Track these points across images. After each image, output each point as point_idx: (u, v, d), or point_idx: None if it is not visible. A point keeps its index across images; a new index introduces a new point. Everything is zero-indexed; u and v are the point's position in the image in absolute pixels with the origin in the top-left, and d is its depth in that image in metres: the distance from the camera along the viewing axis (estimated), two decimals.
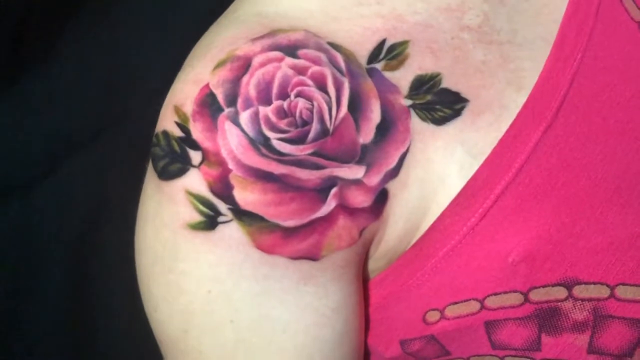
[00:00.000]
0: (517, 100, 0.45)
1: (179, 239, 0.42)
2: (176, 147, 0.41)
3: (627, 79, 0.47)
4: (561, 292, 0.42)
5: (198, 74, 0.42)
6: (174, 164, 0.41)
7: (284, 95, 0.41)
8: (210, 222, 0.41)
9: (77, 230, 0.52)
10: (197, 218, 0.41)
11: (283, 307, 0.42)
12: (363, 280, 0.47)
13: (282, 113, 0.41)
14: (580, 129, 0.44)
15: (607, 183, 0.43)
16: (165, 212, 0.43)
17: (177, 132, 0.41)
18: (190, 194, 0.41)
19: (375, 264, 0.46)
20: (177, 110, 0.42)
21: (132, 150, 0.51)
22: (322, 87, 0.42)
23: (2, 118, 0.47)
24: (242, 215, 0.41)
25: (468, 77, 0.45)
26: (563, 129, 0.44)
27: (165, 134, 0.42)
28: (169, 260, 0.43)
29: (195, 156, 0.41)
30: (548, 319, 0.43)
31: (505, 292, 0.42)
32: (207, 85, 0.41)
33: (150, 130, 0.48)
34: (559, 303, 0.42)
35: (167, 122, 0.42)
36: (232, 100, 0.41)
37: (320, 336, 0.44)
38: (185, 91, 0.42)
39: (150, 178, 0.44)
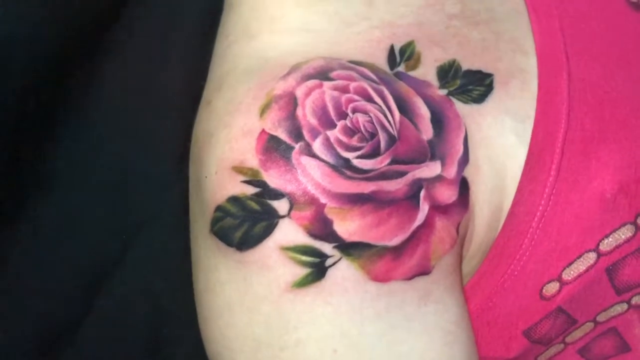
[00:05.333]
0: (530, 62, 0.46)
1: (285, 306, 0.38)
2: (254, 206, 0.38)
3: (597, 15, 0.50)
4: None
5: (244, 127, 0.39)
6: (258, 225, 0.38)
7: (342, 114, 0.39)
8: (317, 270, 0.37)
9: (143, 348, 0.45)
10: (302, 272, 0.37)
11: (412, 338, 0.39)
12: None
13: (349, 131, 0.39)
14: (594, 67, 0.46)
15: None
16: (257, 285, 0.38)
17: (250, 190, 0.38)
18: (287, 248, 0.37)
19: (468, 265, 0.44)
20: (240, 169, 0.38)
21: (167, 247, 0.46)
22: (369, 99, 0.40)
23: (22, 260, 0.41)
24: (349, 249, 0.37)
25: (479, 56, 0.45)
26: (580, 71, 0.45)
27: (234, 199, 0.38)
28: (278, 337, 0.38)
29: (281, 205, 0.37)
30: None
31: (616, 229, 0.42)
32: (263, 132, 0.38)
33: (175, 222, 0.44)
34: None
35: (229, 187, 0.38)
36: (297, 135, 0.38)
37: (453, 355, 0.40)
38: (238, 148, 0.39)
39: (221, 259, 0.39)
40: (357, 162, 0.38)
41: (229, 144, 0.39)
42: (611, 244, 0.42)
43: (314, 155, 0.38)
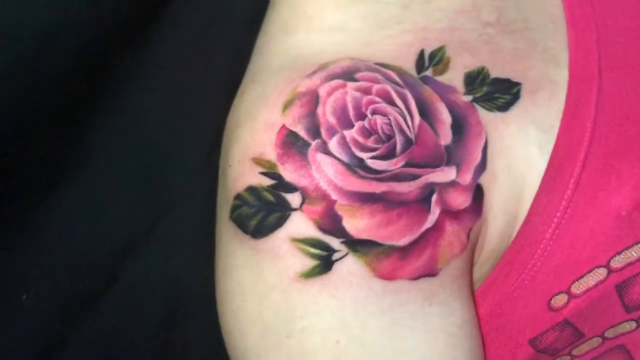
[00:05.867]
0: (561, 74, 0.46)
1: (293, 295, 0.39)
2: (269, 197, 0.39)
3: (637, 31, 0.49)
4: None
5: (266, 121, 0.41)
6: (272, 215, 0.39)
7: (361, 115, 0.40)
8: (325, 263, 0.39)
9: (157, 326, 0.48)
10: (310, 264, 0.39)
11: (414, 336, 0.40)
12: None
13: (366, 132, 0.40)
14: (625, 82, 0.46)
15: None
16: (268, 272, 0.40)
17: (267, 182, 0.39)
18: (297, 240, 0.39)
19: (479, 271, 0.45)
20: (259, 160, 0.40)
21: (191, 232, 0.49)
22: (390, 102, 0.41)
23: (52, 230, 0.44)
24: (356, 245, 0.39)
25: (509, 64, 0.45)
26: (611, 87, 0.45)
27: (252, 189, 0.40)
28: (284, 324, 0.40)
29: (294, 198, 0.39)
30: None
31: (628, 247, 0.42)
32: (283, 127, 0.40)
33: (201, 208, 0.46)
34: None
35: (248, 177, 0.40)
36: (315, 132, 0.39)
37: (455, 358, 0.41)
38: (259, 140, 0.40)
39: (238, 245, 0.41)
40: (370, 163, 0.39)
41: (251, 136, 0.41)
42: (622, 262, 0.42)
43: (328, 153, 0.39)
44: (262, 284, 0.40)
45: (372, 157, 0.40)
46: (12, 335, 0.42)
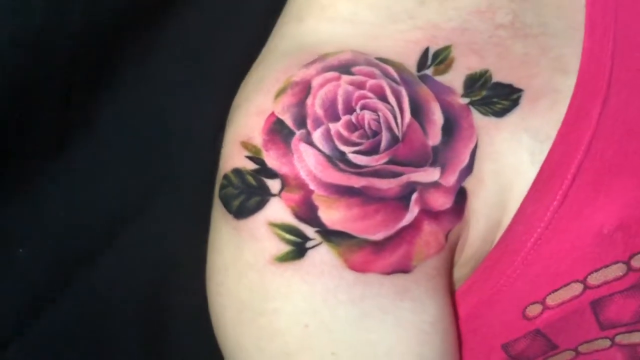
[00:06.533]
0: (567, 83, 0.45)
1: (267, 277, 0.41)
2: (252, 181, 0.41)
3: None
4: None
5: (259, 106, 0.42)
6: (252, 199, 0.41)
7: (349, 109, 0.41)
8: (298, 249, 0.40)
9: (146, 293, 0.50)
10: (285, 249, 0.40)
11: (383, 329, 0.41)
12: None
13: (351, 127, 0.41)
14: (634, 99, 0.45)
15: None
16: (247, 252, 0.41)
17: (250, 166, 0.41)
18: (274, 224, 0.40)
19: (459, 271, 0.45)
20: (246, 144, 0.41)
21: (189, 207, 0.51)
22: (383, 98, 0.42)
23: (55, 190, 0.46)
24: (330, 235, 0.40)
25: (515, 70, 0.45)
26: (619, 101, 0.44)
27: (237, 171, 0.41)
28: (258, 303, 0.41)
29: (274, 185, 0.40)
30: None
31: (607, 266, 0.41)
32: (272, 114, 0.41)
33: (202, 185, 0.47)
34: None
35: (235, 159, 0.42)
36: (301, 122, 0.40)
37: (422, 354, 0.42)
38: (249, 125, 0.42)
39: (224, 223, 0.43)
40: (352, 157, 0.40)
41: (244, 119, 0.42)
42: (599, 279, 0.42)
43: (311, 144, 0.40)
44: (242, 262, 0.42)
45: (355, 152, 0.40)
46: (4, 286, 0.45)
